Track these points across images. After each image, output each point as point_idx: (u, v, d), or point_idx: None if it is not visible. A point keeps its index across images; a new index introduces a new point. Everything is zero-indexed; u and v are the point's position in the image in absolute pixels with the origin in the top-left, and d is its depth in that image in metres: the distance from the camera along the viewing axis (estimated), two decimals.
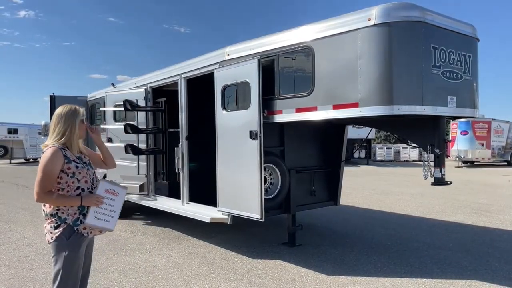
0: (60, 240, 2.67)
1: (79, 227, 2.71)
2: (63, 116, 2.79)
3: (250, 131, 4.92)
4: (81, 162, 2.83)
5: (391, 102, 3.92)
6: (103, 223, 2.78)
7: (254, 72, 4.86)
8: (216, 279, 4.69)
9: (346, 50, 4.18)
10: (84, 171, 2.78)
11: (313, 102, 4.49)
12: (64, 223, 2.68)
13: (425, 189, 12.53)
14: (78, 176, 2.74)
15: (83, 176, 2.77)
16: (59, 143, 2.74)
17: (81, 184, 2.75)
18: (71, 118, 2.80)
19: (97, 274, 4.85)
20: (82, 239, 2.73)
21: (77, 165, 2.75)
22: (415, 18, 3.93)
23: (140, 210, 8.62)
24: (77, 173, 2.73)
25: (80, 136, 2.87)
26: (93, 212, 2.74)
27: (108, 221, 2.81)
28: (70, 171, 2.71)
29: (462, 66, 4.38)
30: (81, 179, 2.75)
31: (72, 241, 2.68)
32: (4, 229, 7.34)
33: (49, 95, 10.01)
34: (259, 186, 4.88)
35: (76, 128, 2.79)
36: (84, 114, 2.88)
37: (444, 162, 4.51)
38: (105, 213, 2.79)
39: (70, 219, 2.69)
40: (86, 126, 2.92)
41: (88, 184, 2.79)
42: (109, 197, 2.83)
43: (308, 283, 4.53)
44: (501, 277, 4.69)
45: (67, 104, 2.89)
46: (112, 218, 2.83)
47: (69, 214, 2.70)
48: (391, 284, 4.47)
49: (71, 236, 2.68)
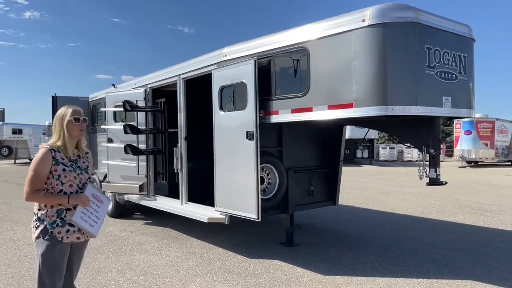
0: (39, 240, 2.71)
1: (54, 230, 2.70)
2: (56, 118, 2.82)
3: (247, 132, 4.95)
4: (74, 165, 2.81)
5: (385, 102, 3.94)
6: (88, 225, 2.75)
7: (250, 73, 4.88)
8: (212, 278, 4.72)
9: (341, 50, 4.20)
10: (71, 175, 2.75)
11: (309, 103, 4.51)
12: (42, 224, 2.71)
13: (426, 189, 12.49)
14: (63, 179, 2.72)
15: (69, 180, 2.74)
16: (55, 145, 2.77)
17: (64, 188, 2.73)
18: (61, 120, 2.80)
19: (95, 274, 4.90)
20: (57, 242, 2.71)
21: (65, 168, 2.73)
22: (409, 18, 3.94)
23: (141, 210, 8.67)
24: (62, 176, 2.72)
25: (72, 137, 2.82)
26: (79, 212, 2.72)
27: (92, 226, 2.77)
28: (56, 173, 2.70)
29: (457, 67, 4.38)
30: (66, 183, 2.73)
31: (47, 242, 2.68)
32: (5, 228, 7.41)
33: (51, 95, 10.07)
34: (255, 187, 4.91)
35: (64, 130, 2.78)
36: (74, 115, 2.81)
37: (439, 162, 4.52)
38: (90, 217, 2.76)
39: (47, 221, 2.70)
40: (78, 125, 2.82)
41: (72, 188, 2.75)
42: (95, 203, 2.81)
43: (304, 283, 4.55)
44: (497, 277, 4.69)
45: (64, 106, 2.89)
46: (96, 224, 2.79)
47: (47, 216, 2.70)
48: (387, 284, 4.48)
49: (47, 237, 2.68)
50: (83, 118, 2.86)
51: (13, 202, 10.40)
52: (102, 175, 8.54)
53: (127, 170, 7.42)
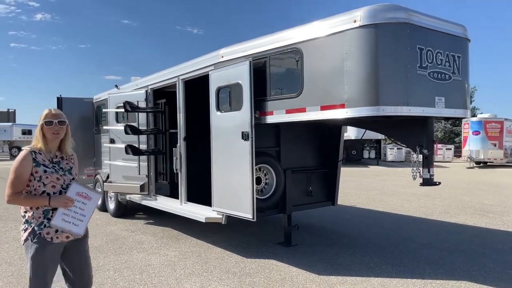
0: (27, 243, 2.71)
1: (42, 231, 2.69)
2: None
3: (242, 132, 4.99)
4: (57, 167, 2.79)
5: (376, 103, 3.95)
6: (71, 226, 2.72)
7: (245, 74, 4.92)
8: (208, 277, 4.77)
9: (333, 51, 4.22)
10: (53, 176, 2.74)
11: (302, 103, 4.53)
12: (30, 226, 2.71)
13: (431, 190, 12.42)
14: (45, 180, 2.71)
15: (51, 181, 2.73)
16: (36, 147, 2.77)
17: (47, 189, 2.72)
18: (39, 122, 2.79)
19: (93, 272, 4.96)
20: (47, 243, 2.70)
21: (46, 170, 2.72)
22: (400, 19, 3.95)
23: (143, 210, 8.76)
24: (44, 178, 2.71)
25: (48, 139, 2.79)
26: (60, 214, 2.69)
27: (77, 225, 2.74)
28: (37, 175, 2.70)
29: (451, 67, 4.37)
30: (48, 184, 2.72)
31: (36, 244, 2.68)
32: (10, 227, 7.54)
33: (56, 97, 10.20)
34: (250, 187, 4.94)
35: (39, 131, 2.78)
36: (46, 118, 2.77)
37: (432, 162, 4.51)
38: (74, 216, 2.73)
39: (34, 223, 2.69)
40: (50, 129, 2.77)
41: (55, 189, 2.74)
42: (80, 201, 2.76)
43: (298, 282, 4.57)
44: (493, 278, 4.67)
45: (46, 109, 2.84)
46: (81, 222, 2.76)
47: (34, 218, 2.70)
48: (381, 284, 4.49)
49: (36, 240, 2.68)
50: (58, 121, 2.78)
51: None
52: (105, 175, 8.63)
53: (128, 170, 7.50)
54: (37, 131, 2.81)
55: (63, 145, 2.89)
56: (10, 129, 33.89)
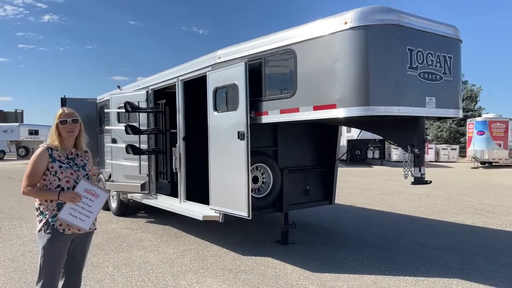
0: (41, 233, 2.90)
1: (55, 223, 2.88)
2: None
3: (238, 132, 5.08)
4: (71, 163, 2.98)
5: (366, 103, 4.03)
6: (77, 220, 2.88)
7: (241, 75, 5.02)
8: (204, 274, 4.87)
9: (325, 52, 4.30)
10: (67, 172, 2.93)
11: (296, 104, 4.62)
12: (44, 218, 2.90)
13: (432, 190, 12.45)
14: (60, 175, 2.90)
15: (65, 176, 2.92)
16: (53, 145, 2.97)
17: (62, 183, 2.91)
18: (54, 121, 3.00)
19: (93, 269, 5.09)
20: (59, 234, 2.88)
21: (61, 165, 2.93)
22: (389, 21, 4.02)
23: (145, 209, 8.88)
24: (59, 173, 2.90)
25: (63, 137, 2.98)
26: (68, 208, 2.85)
27: (84, 220, 2.90)
28: (53, 170, 2.90)
29: (442, 67, 4.43)
30: (63, 179, 2.91)
31: (49, 235, 2.87)
32: (14, 225, 7.70)
33: (60, 97, 10.36)
34: (246, 185, 5.03)
35: (54, 130, 2.97)
36: (60, 117, 2.97)
37: (423, 161, 4.58)
38: (81, 212, 2.89)
39: (48, 214, 2.89)
40: (65, 127, 2.97)
41: (69, 184, 2.92)
42: (88, 197, 2.93)
43: (292, 279, 4.66)
44: (484, 276, 4.72)
45: (61, 108, 3.06)
46: (88, 218, 2.92)
47: (48, 210, 2.89)
48: (373, 281, 4.56)
49: (49, 230, 2.87)
50: (72, 120, 2.99)
51: (25, 201, 10.72)
52: (108, 174, 8.77)
53: (129, 170, 7.63)
54: (52, 130, 3.00)
55: (78, 141, 3.09)
56: (17, 129, 34.26)
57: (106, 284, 4.59)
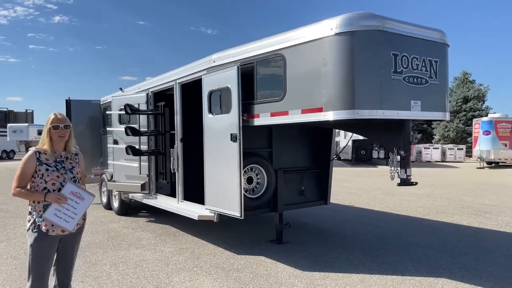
0: (29, 232, 3.06)
1: (41, 223, 3.02)
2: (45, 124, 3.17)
3: (231, 134, 5.22)
4: (59, 166, 3.10)
5: (351, 106, 4.14)
6: (61, 221, 2.99)
7: (234, 78, 5.16)
8: (197, 272, 5.02)
9: (312, 57, 4.43)
10: (53, 175, 3.04)
11: (285, 107, 4.75)
12: (32, 218, 3.06)
13: (433, 190, 12.49)
14: (46, 178, 3.03)
15: (51, 179, 3.04)
16: (42, 148, 3.11)
17: (48, 186, 3.03)
18: (45, 126, 3.15)
19: (91, 266, 5.27)
20: (44, 234, 3.00)
21: (48, 168, 3.05)
22: (373, 27, 4.13)
23: (146, 208, 9.07)
24: (45, 175, 3.03)
25: (54, 142, 3.11)
26: (53, 209, 2.97)
27: (68, 222, 3.02)
28: (40, 173, 3.04)
29: (427, 71, 4.53)
30: (49, 181, 3.03)
31: (36, 234, 3.02)
32: (18, 224, 7.92)
33: (65, 99, 10.58)
34: (238, 186, 5.17)
35: (46, 134, 3.11)
36: (53, 123, 3.07)
37: (409, 163, 4.68)
38: (66, 213, 3.00)
39: (36, 215, 3.04)
40: (57, 132, 3.08)
41: (55, 186, 3.04)
42: (74, 199, 3.04)
43: (282, 278, 4.79)
44: (471, 276, 4.81)
45: (52, 113, 3.17)
46: (72, 219, 3.02)
47: (35, 210, 3.05)
48: (360, 280, 4.68)
49: (35, 230, 3.02)
50: (64, 125, 3.11)
51: None
52: (110, 174, 8.97)
53: (130, 170, 7.81)
54: (44, 134, 3.14)
55: (67, 145, 3.22)
56: (26, 129, 34.84)
57: (102, 281, 4.76)
